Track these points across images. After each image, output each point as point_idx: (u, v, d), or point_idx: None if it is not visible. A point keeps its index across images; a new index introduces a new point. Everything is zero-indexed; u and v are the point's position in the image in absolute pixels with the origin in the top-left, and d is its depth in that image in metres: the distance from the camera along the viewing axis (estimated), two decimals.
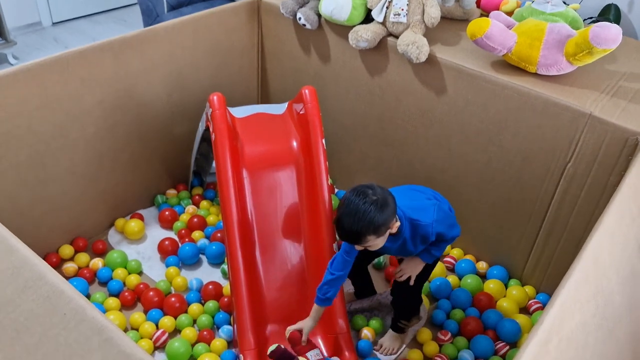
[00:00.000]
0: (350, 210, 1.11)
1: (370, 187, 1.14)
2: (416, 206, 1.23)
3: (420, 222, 1.20)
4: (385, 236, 1.16)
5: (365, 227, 1.11)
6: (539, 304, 1.52)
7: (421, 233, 1.21)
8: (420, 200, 1.27)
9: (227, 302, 1.46)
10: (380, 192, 1.13)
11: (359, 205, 1.10)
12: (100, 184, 1.64)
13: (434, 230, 1.20)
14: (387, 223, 1.13)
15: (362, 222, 1.10)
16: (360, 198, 1.11)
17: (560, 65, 1.34)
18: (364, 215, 1.10)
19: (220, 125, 1.37)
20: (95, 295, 1.48)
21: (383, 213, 1.11)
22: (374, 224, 1.11)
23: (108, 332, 0.71)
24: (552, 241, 1.47)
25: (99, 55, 1.47)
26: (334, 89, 1.73)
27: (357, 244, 1.15)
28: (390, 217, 1.14)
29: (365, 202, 1.10)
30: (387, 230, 1.15)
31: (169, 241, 1.63)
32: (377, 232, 1.12)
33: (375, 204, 1.11)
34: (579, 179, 1.35)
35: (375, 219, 1.10)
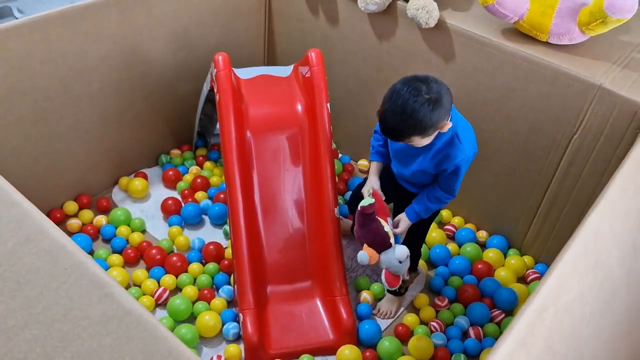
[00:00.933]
0: (397, 107, 1.01)
1: (424, 81, 1.02)
2: (468, 135, 1.15)
3: (459, 144, 1.12)
4: (431, 137, 1.08)
5: (411, 127, 1.01)
6: (536, 274, 1.53)
7: (449, 153, 1.12)
8: (471, 134, 1.19)
9: (227, 264, 1.47)
10: (435, 88, 1.02)
11: (408, 102, 1.00)
12: (104, 142, 1.64)
13: (460, 162, 1.14)
14: (437, 125, 1.04)
15: (410, 121, 1.00)
16: (411, 94, 1.00)
17: (573, 35, 1.32)
18: (413, 114, 1.00)
19: (225, 86, 1.36)
20: (99, 252, 1.50)
21: (434, 114, 1.01)
22: (422, 125, 1.01)
23: (108, 287, 0.72)
24: (554, 213, 1.47)
25: (104, 10, 1.45)
26: (341, 53, 1.70)
27: (400, 141, 1.08)
28: (441, 118, 1.04)
29: (416, 101, 1.00)
30: (435, 131, 1.07)
31: (172, 201, 1.64)
32: (424, 133, 1.04)
33: (428, 103, 1.00)
34: (585, 151, 1.34)
35: (424, 120, 1.00)
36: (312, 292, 1.36)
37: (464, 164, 1.17)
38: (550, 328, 0.79)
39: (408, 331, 1.37)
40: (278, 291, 1.36)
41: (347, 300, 1.33)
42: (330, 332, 1.32)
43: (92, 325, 0.69)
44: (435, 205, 1.24)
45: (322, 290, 1.36)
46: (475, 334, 1.37)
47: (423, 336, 1.34)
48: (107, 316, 0.70)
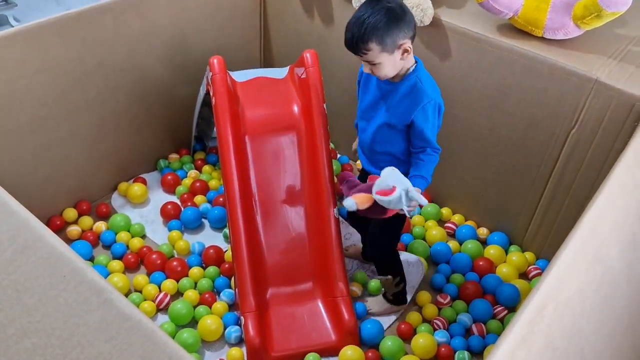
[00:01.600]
0: (357, 15, 1.06)
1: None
2: (432, 84, 1.16)
3: (423, 87, 1.12)
4: (392, 59, 1.08)
5: (368, 32, 1.04)
6: (538, 270, 1.52)
7: (414, 96, 1.12)
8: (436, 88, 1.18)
9: (227, 268, 1.47)
10: (397, 2, 1.06)
11: (367, 9, 1.05)
12: (102, 148, 1.64)
13: (427, 105, 1.11)
14: (395, 37, 1.05)
15: (366, 25, 1.03)
16: (371, 2, 1.06)
17: (568, 29, 1.31)
18: (370, 18, 1.04)
19: (221, 89, 1.36)
20: (99, 258, 1.50)
21: (392, 23, 1.04)
22: (379, 32, 1.03)
23: (107, 293, 0.72)
24: (554, 208, 1.47)
25: (99, 16, 1.46)
26: (337, 53, 1.70)
27: (358, 51, 1.08)
28: (400, 32, 1.05)
29: (375, 7, 1.05)
30: (395, 49, 1.07)
31: (171, 205, 1.64)
32: (382, 43, 1.05)
33: (386, 11, 1.04)
34: (583, 145, 1.34)
35: (381, 26, 1.03)
36: (313, 293, 1.36)
37: (430, 107, 1.13)
38: (550, 324, 0.79)
39: (411, 329, 1.37)
40: (279, 293, 1.36)
41: (349, 300, 1.33)
42: (332, 333, 1.32)
43: (91, 332, 0.69)
44: (429, 160, 1.17)
45: (323, 291, 1.36)
46: (479, 331, 1.37)
47: (426, 334, 1.34)
48: (107, 322, 0.70)
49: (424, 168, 1.17)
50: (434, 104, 1.15)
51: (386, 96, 1.18)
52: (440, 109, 1.18)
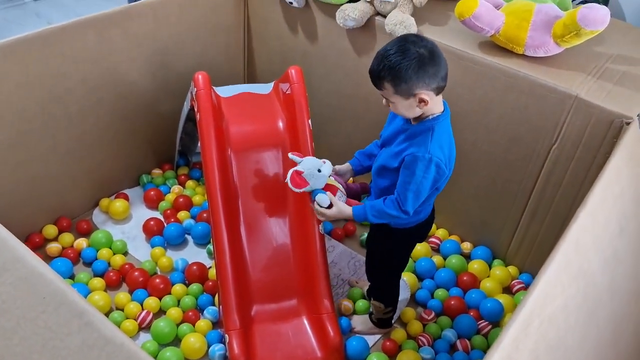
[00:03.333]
0: (386, 47, 1.04)
1: (420, 40, 1.03)
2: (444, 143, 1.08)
3: (429, 140, 1.06)
4: (407, 103, 1.04)
5: (385, 70, 1.01)
6: (521, 284, 1.53)
7: (416, 141, 1.07)
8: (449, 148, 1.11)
9: (211, 285, 1.46)
10: (431, 51, 1.02)
11: (396, 46, 1.02)
12: (84, 164, 1.62)
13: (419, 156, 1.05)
14: (411, 83, 1.01)
15: (386, 63, 1.01)
16: (410, 43, 1.02)
17: (548, 47, 1.34)
18: (392, 57, 1.01)
19: (205, 104, 1.35)
20: (80, 276, 1.47)
21: (411, 69, 1.00)
22: (395, 73, 1.01)
23: (88, 315, 0.71)
24: (536, 222, 1.48)
25: (81, 32, 1.44)
26: (321, 69, 1.71)
27: (374, 84, 1.06)
28: (418, 80, 1.01)
29: (404, 47, 1.01)
30: (410, 97, 1.03)
31: (154, 221, 1.62)
32: (395, 86, 1.02)
33: (410, 57, 1.00)
34: (564, 160, 1.35)
35: (399, 68, 1.00)
36: (298, 310, 1.35)
37: (422, 163, 1.05)
38: (536, 340, 0.80)
39: (396, 346, 1.37)
40: (264, 310, 1.34)
41: (334, 317, 1.32)
42: (317, 350, 1.31)
43: (72, 356, 0.68)
44: (388, 207, 1.10)
45: (308, 308, 1.35)
46: (463, 347, 1.37)
47: (411, 351, 1.33)
48: (88, 346, 0.68)
49: (377, 205, 1.12)
50: (428, 161, 1.05)
51: (400, 136, 1.13)
52: (440, 170, 1.07)
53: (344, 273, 1.57)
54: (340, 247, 1.64)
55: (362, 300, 1.47)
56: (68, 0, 3.21)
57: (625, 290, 1.13)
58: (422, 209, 1.18)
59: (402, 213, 1.10)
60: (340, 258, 1.61)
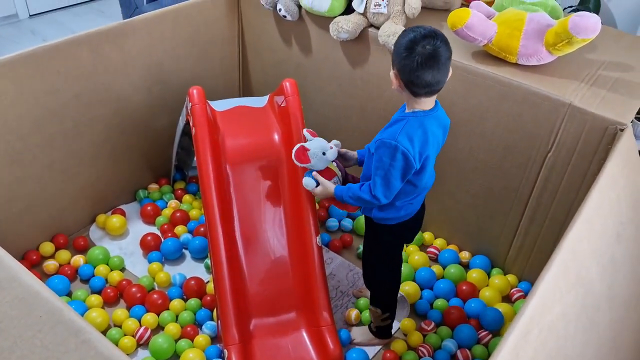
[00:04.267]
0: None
1: (440, 40, 1.05)
2: (413, 133, 1.08)
3: (398, 128, 1.08)
4: (393, 78, 1.09)
5: None
6: (521, 293, 1.53)
7: (387, 129, 1.12)
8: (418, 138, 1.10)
9: (209, 300, 1.45)
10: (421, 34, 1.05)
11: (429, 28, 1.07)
12: (80, 180, 1.62)
13: (385, 140, 1.08)
14: (393, 60, 1.07)
15: None
16: (432, 32, 1.06)
17: (540, 55, 1.34)
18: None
19: (201, 119, 1.36)
20: (77, 293, 1.46)
21: (396, 45, 1.06)
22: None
23: (85, 333, 0.70)
24: (533, 229, 1.48)
25: (75, 49, 1.45)
26: (315, 81, 1.71)
27: None
28: (394, 59, 1.07)
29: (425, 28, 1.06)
30: (391, 70, 1.09)
31: (151, 236, 1.61)
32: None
33: (407, 33, 1.05)
34: (560, 167, 1.36)
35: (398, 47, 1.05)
36: (297, 323, 1.34)
37: (388, 149, 1.07)
38: (535, 349, 0.79)
39: (396, 357, 1.36)
40: (262, 324, 1.34)
41: (333, 329, 1.32)
42: None
43: None
44: (362, 191, 1.13)
45: (307, 320, 1.34)
46: (464, 357, 1.36)
47: None
48: None
49: (352, 187, 1.16)
50: (394, 148, 1.06)
51: None
52: (407, 161, 1.07)
53: (342, 285, 1.57)
54: (338, 259, 1.64)
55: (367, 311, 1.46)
56: (63, 17, 3.23)
57: (624, 297, 1.13)
58: (402, 206, 1.19)
59: (373, 198, 1.13)
60: (338, 270, 1.60)
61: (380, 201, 1.13)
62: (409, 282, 1.52)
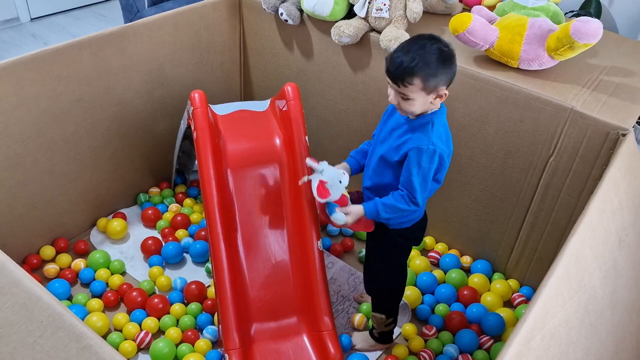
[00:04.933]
0: (412, 45, 1.02)
1: (442, 41, 1.04)
2: (443, 133, 1.11)
3: (430, 131, 1.08)
4: (426, 100, 1.05)
5: (419, 65, 1.00)
6: (522, 297, 1.52)
7: (418, 134, 1.09)
8: (447, 137, 1.13)
9: (210, 304, 1.44)
10: (451, 49, 1.04)
11: (425, 44, 1.02)
12: (81, 184, 1.61)
13: (423, 148, 1.07)
14: (438, 81, 1.03)
15: (420, 58, 1.00)
16: (430, 40, 1.03)
17: (542, 60, 1.34)
18: (425, 53, 1.01)
19: (202, 123, 1.35)
20: (78, 297, 1.46)
21: (441, 66, 1.02)
22: (429, 68, 1.01)
23: (87, 339, 0.70)
24: (535, 234, 1.48)
25: (76, 53, 1.45)
26: (317, 85, 1.71)
27: (399, 81, 1.03)
28: (443, 79, 1.03)
29: (433, 45, 1.02)
30: (432, 92, 1.04)
31: (152, 240, 1.61)
32: (425, 82, 1.02)
33: (441, 52, 1.01)
34: (561, 172, 1.35)
35: (432, 64, 1.01)
36: (298, 328, 1.34)
37: (427, 154, 1.07)
38: (538, 356, 0.79)
39: None
40: (264, 329, 1.33)
41: (335, 334, 1.31)
42: None
43: None
44: (398, 201, 1.11)
45: (309, 325, 1.34)
46: None
47: None
48: None
49: (387, 201, 1.12)
50: (433, 152, 1.08)
51: (397, 130, 1.14)
52: (442, 161, 1.10)
53: (343, 289, 1.56)
54: (339, 263, 1.63)
55: None
56: (64, 21, 3.23)
57: (626, 302, 1.13)
58: (423, 205, 1.19)
59: (413, 205, 1.11)
60: (339, 274, 1.60)
61: (419, 207, 1.12)
62: (410, 287, 1.51)
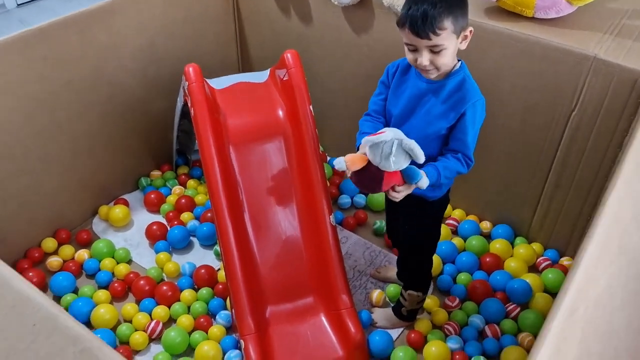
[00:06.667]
0: None
1: None
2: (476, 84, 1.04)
3: (473, 85, 1.02)
4: (455, 46, 0.97)
5: (445, 7, 0.91)
6: (547, 261, 1.45)
7: (464, 94, 1.00)
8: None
9: (221, 289, 1.38)
10: None
11: None
12: (78, 171, 1.54)
13: (477, 103, 1.00)
14: (465, 19, 0.96)
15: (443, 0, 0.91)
16: None
17: (560, 7, 1.25)
18: None
19: (199, 97, 1.27)
20: (84, 289, 1.40)
21: (464, 6, 0.96)
22: (455, 6, 0.93)
23: (84, 342, 0.63)
24: (559, 194, 1.40)
25: (62, 32, 1.37)
26: (318, 52, 1.62)
27: (431, 29, 0.92)
28: (466, 13, 0.96)
29: None
30: (461, 33, 0.96)
31: (157, 225, 1.55)
32: (456, 22, 0.93)
33: None
34: (585, 126, 1.27)
35: (458, 3, 0.94)
36: (315, 308, 1.28)
37: (480, 106, 1.01)
38: (582, 328, 0.72)
39: (421, 338, 1.29)
40: (279, 311, 1.27)
41: (354, 312, 1.25)
42: (339, 349, 1.24)
43: None
44: (456, 164, 1.03)
45: (326, 304, 1.27)
46: (492, 333, 1.29)
47: (438, 342, 1.26)
48: None
49: (445, 164, 1.02)
50: (483, 103, 1.03)
51: (426, 97, 1.03)
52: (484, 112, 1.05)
53: (359, 264, 1.50)
54: (353, 237, 1.56)
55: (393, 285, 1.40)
56: (52, 4, 3.12)
57: None
58: None
59: (468, 167, 1.05)
60: (354, 249, 1.53)
61: (471, 166, 1.06)
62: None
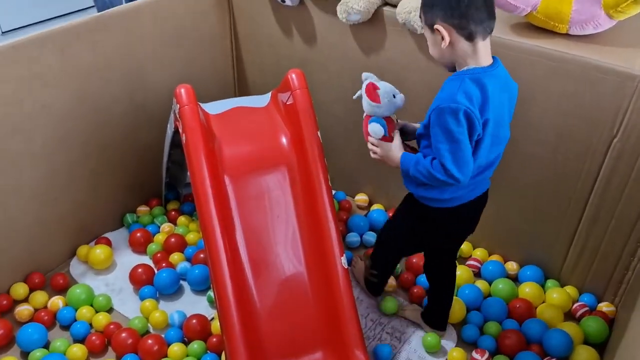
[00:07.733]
0: None
1: None
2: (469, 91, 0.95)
3: (445, 88, 0.97)
4: (432, 38, 0.98)
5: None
6: (585, 307, 1.30)
7: (439, 95, 0.97)
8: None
9: (215, 342, 1.22)
10: None
11: None
12: (56, 207, 1.40)
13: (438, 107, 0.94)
14: (429, 16, 0.96)
15: None
16: None
17: (598, 21, 1.14)
18: None
19: (191, 122, 1.14)
20: (56, 343, 1.23)
21: (429, 1, 0.96)
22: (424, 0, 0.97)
23: None
24: (596, 231, 1.26)
25: (39, 49, 1.25)
26: (323, 76, 1.51)
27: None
28: (433, 11, 0.95)
29: None
30: (430, 29, 0.97)
31: (142, 268, 1.40)
32: (424, 14, 0.98)
33: None
34: (629, 155, 1.15)
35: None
36: None
37: (448, 114, 0.93)
38: None
39: None
40: None
41: None
42: None
43: None
44: (431, 170, 0.98)
45: None
46: None
47: None
48: None
49: (422, 160, 1.00)
50: (455, 112, 0.92)
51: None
52: (471, 122, 0.94)
53: (372, 311, 1.33)
54: None
55: (430, 335, 1.26)
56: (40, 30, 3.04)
57: None
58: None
59: (448, 177, 0.96)
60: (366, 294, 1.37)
61: (458, 180, 0.96)
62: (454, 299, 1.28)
